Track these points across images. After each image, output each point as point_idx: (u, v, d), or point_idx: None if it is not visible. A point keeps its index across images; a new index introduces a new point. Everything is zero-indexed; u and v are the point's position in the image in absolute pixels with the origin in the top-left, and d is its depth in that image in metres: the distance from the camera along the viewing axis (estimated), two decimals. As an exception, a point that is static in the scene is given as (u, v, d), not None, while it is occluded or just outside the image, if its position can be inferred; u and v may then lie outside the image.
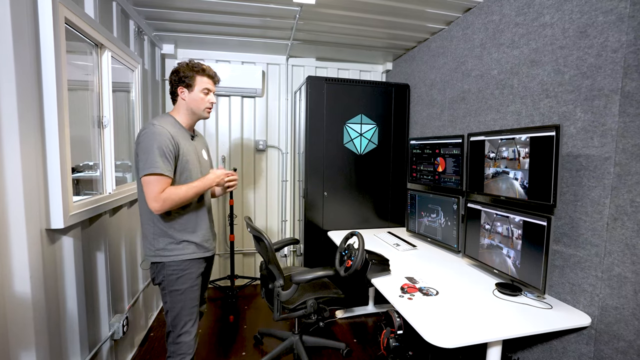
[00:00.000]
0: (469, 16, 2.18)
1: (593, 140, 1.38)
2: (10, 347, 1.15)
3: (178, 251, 1.47)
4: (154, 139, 1.36)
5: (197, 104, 1.51)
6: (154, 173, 1.34)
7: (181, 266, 1.47)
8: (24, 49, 1.19)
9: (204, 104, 1.52)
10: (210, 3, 2.12)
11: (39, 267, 1.25)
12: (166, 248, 1.46)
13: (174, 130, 1.44)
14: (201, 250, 1.54)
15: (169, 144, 1.38)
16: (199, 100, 1.50)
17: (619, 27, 1.28)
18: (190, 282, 1.50)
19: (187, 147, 1.49)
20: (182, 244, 1.48)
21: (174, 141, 1.41)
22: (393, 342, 1.69)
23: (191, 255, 1.50)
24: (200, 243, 1.53)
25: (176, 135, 1.44)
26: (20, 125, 1.17)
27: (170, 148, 1.39)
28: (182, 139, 1.47)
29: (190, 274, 1.50)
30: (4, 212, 1.14)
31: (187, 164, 1.47)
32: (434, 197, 2.27)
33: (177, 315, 1.48)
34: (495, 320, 1.31)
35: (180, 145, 1.44)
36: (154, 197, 1.35)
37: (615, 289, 1.30)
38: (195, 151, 1.55)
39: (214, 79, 1.55)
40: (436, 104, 2.55)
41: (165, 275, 1.47)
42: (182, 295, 1.48)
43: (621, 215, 1.27)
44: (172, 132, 1.42)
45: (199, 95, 1.50)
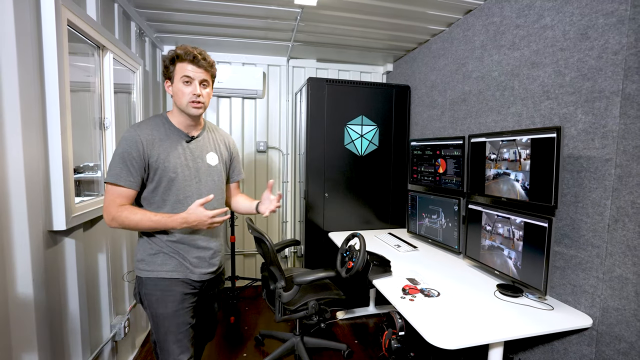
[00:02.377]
0: (470, 18, 2.19)
1: (594, 142, 1.38)
2: (13, 348, 1.16)
3: (156, 265, 1.25)
4: (120, 145, 1.20)
5: (179, 98, 1.24)
6: (109, 182, 1.18)
7: (160, 285, 1.24)
8: (26, 51, 1.20)
9: (184, 96, 1.22)
10: (211, 5, 2.13)
11: (41, 268, 1.26)
12: (144, 259, 1.26)
13: (153, 133, 1.24)
14: (185, 270, 1.27)
15: (133, 151, 1.18)
16: (179, 92, 1.23)
17: (619, 29, 1.29)
18: (175, 305, 1.24)
19: (171, 152, 1.25)
20: (161, 256, 1.25)
21: (144, 148, 1.20)
22: (395, 343, 1.69)
23: (171, 274, 1.25)
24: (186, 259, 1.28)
25: (154, 140, 1.23)
26: (23, 127, 1.17)
27: (134, 155, 1.18)
28: (165, 143, 1.25)
29: (172, 295, 1.25)
30: (7, 214, 1.14)
31: (166, 172, 1.23)
32: (434, 198, 2.28)
33: (162, 341, 1.26)
34: (496, 321, 1.31)
35: (155, 152, 1.22)
36: (105, 208, 1.19)
37: (616, 290, 1.30)
38: (192, 156, 1.30)
39: (195, 62, 1.21)
40: (437, 105, 2.56)
41: (144, 294, 1.27)
42: (165, 321, 1.24)
43: (622, 216, 1.28)
44: (148, 137, 1.22)
45: (178, 86, 1.23)
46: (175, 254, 1.28)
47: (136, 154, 1.19)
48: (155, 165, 1.22)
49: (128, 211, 1.18)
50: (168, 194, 1.25)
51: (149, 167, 1.22)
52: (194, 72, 1.22)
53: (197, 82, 1.23)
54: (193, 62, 1.22)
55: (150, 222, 1.19)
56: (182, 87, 1.23)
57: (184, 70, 1.22)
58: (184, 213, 1.19)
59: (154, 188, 1.25)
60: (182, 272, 1.28)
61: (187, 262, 1.29)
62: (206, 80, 1.27)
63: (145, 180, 1.25)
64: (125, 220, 1.17)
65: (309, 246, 2.81)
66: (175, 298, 1.26)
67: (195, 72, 1.23)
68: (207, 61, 1.25)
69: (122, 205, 1.19)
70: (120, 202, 1.19)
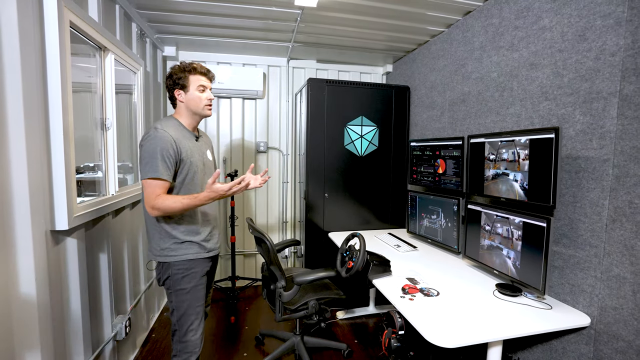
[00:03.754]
0: (469, 19, 2.20)
1: (592, 143, 1.39)
2: (16, 347, 1.17)
3: (182, 250, 1.49)
4: (157, 144, 1.38)
5: (195, 103, 1.51)
6: (153, 177, 1.37)
7: (186, 265, 1.49)
8: (30, 52, 1.21)
9: (202, 101, 1.52)
10: (212, 6, 2.14)
11: (43, 268, 1.26)
12: (170, 247, 1.48)
13: (177, 133, 1.46)
14: (204, 250, 1.55)
15: (170, 149, 1.40)
16: (197, 98, 1.51)
17: (617, 31, 1.30)
18: (195, 281, 1.51)
19: (191, 148, 1.50)
20: (186, 244, 1.49)
21: (176, 145, 1.42)
22: (395, 342, 1.70)
23: (195, 255, 1.51)
24: (204, 243, 1.55)
25: (179, 138, 1.45)
26: (26, 128, 1.18)
27: (171, 152, 1.40)
28: (186, 141, 1.48)
29: (195, 273, 1.51)
30: (10, 214, 1.15)
31: (192, 166, 1.48)
32: (434, 198, 2.29)
33: (183, 314, 1.49)
34: (495, 320, 1.32)
35: (184, 148, 1.45)
36: (150, 201, 1.37)
37: (614, 289, 1.31)
38: (200, 152, 1.56)
39: (207, 75, 1.55)
40: (436, 106, 2.57)
41: (170, 274, 1.48)
42: (187, 294, 1.49)
43: (620, 216, 1.29)
44: (174, 135, 1.43)
45: (195, 94, 1.51)
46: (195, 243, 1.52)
47: (172, 151, 1.41)
48: (185, 160, 1.46)
49: (163, 199, 1.37)
50: (192, 184, 1.49)
51: (181, 161, 1.45)
52: (206, 82, 1.54)
53: (209, 90, 1.55)
54: (206, 75, 1.54)
55: (180, 204, 1.38)
56: (199, 94, 1.51)
57: (199, 80, 1.51)
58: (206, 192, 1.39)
59: (182, 180, 1.47)
60: (202, 253, 1.54)
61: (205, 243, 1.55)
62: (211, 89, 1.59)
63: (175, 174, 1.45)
64: (165, 206, 1.37)
65: (309, 246, 2.82)
66: (196, 275, 1.52)
67: (207, 82, 1.55)
68: (214, 76, 1.59)
69: (159, 195, 1.37)
70: (160, 193, 1.38)
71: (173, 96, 1.54)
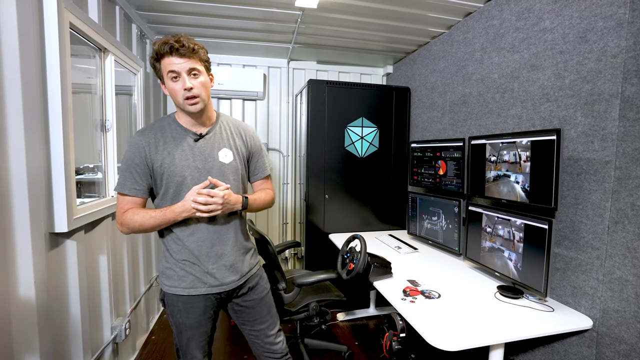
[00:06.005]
0: (470, 20, 2.20)
1: (593, 144, 1.39)
2: (15, 350, 1.16)
3: (175, 281, 1.22)
4: (126, 153, 1.18)
5: (173, 99, 1.16)
6: (117, 191, 1.18)
7: (181, 299, 1.22)
8: (29, 54, 1.20)
9: (177, 94, 1.12)
10: (212, 7, 2.14)
11: (43, 271, 1.26)
12: (164, 273, 1.24)
13: (157, 137, 1.19)
14: (203, 285, 1.22)
15: (136, 158, 1.16)
16: (171, 92, 1.14)
17: (618, 32, 1.30)
18: (196, 316, 1.23)
19: (177, 155, 1.18)
20: (181, 272, 1.21)
21: (147, 152, 1.16)
22: (396, 344, 1.70)
23: (188, 291, 1.21)
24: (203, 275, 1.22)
25: (158, 142, 1.18)
26: (25, 129, 1.17)
27: (137, 162, 1.15)
28: (171, 144, 1.19)
29: (194, 308, 1.23)
30: (9, 216, 1.14)
31: (171, 177, 1.17)
32: (435, 200, 2.28)
33: (184, 346, 1.27)
34: (497, 323, 1.31)
35: (159, 156, 1.17)
36: (118, 217, 1.17)
37: (616, 291, 1.30)
38: (201, 156, 1.21)
39: (174, 52, 1.08)
40: (437, 107, 2.57)
41: (167, 304, 1.27)
42: (188, 330, 1.25)
43: (622, 218, 1.28)
44: (151, 139, 1.18)
45: (169, 84, 1.13)
46: (188, 273, 1.22)
47: (139, 161, 1.16)
48: (160, 171, 1.17)
49: (131, 212, 1.15)
50: (178, 198, 1.18)
51: (154, 172, 1.18)
52: (178, 64, 1.10)
53: (184, 75, 1.11)
54: (173, 53, 1.09)
55: (151, 218, 1.14)
56: (172, 85, 1.12)
57: (167, 65, 1.10)
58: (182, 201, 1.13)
59: (163, 194, 1.20)
60: (200, 289, 1.22)
61: (206, 276, 1.22)
62: (195, 69, 1.12)
63: (154, 186, 1.21)
64: (130, 222, 1.15)
65: (309, 248, 2.82)
66: (197, 311, 1.24)
67: (180, 63, 1.10)
68: (187, 46, 1.09)
69: (127, 210, 1.17)
70: (127, 208, 1.17)
71: None
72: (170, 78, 1.12)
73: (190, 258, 1.22)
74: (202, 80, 1.15)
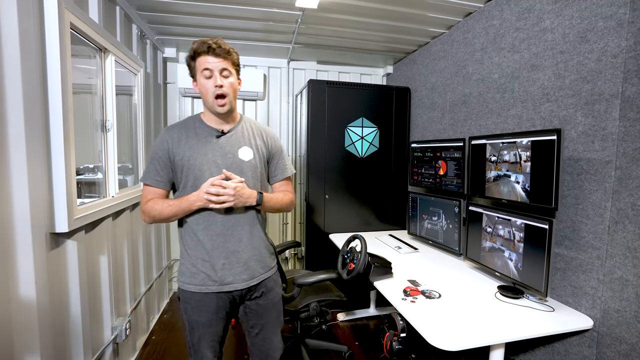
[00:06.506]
0: (470, 20, 2.20)
1: (594, 144, 1.39)
2: (15, 351, 1.16)
3: (188, 277, 1.25)
4: (154, 145, 1.27)
5: (203, 95, 1.22)
6: (142, 182, 1.27)
7: (195, 296, 1.25)
8: (30, 54, 1.20)
9: (208, 92, 1.19)
10: (213, 7, 2.14)
11: (43, 271, 1.26)
12: (181, 270, 1.28)
13: (181, 132, 1.25)
14: (215, 283, 1.23)
15: (160, 151, 1.23)
16: (202, 89, 1.21)
17: (618, 32, 1.30)
18: (209, 315, 1.25)
19: (197, 149, 1.23)
20: (193, 269, 1.25)
21: (169, 146, 1.23)
22: (396, 345, 1.70)
23: (200, 288, 1.24)
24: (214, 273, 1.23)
25: (181, 137, 1.24)
26: (26, 129, 1.17)
27: (160, 155, 1.23)
28: (193, 140, 1.24)
29: (206, 306, 1.25)
30: (9, 216, 1.14)
31: (190, 171, 1.23)
32: (435, 200, 2.28)
33: (197, 342, 1.29)
34: (497, 323, 1.31)
35: (180, 150, 1.23)
36: (141, 206, 1.25)
37: (617, 291, 1.30)
38: (221, 152, 1.25)
39: (210, 52, 1.17)
40: (437, 107, 2.57)
41: (181, 300, 1.29)
42: (200, 328, 1.26)
43: (622, 218, 1.28)
44: (175, 134, 1.25)
45: (201, 81, 1.20)
46: (200, 270, 1.24)
47: (162, 154, 1.24)
48: (180, 164, 1.23)
49: (152, 202, 1.23)
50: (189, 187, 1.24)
51: (175, 165, 1.24)
52: (212, 62, 1.18)
53: (217, 73, 1.19)
54: (209, 52, 1.18)
55: (168, 207, 1.21)
56: (204, 82, 1.20)
57: (202, 63, 1.19)
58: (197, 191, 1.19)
59: (183, 186, 1.26)
60: (211, 287, 1.24)
61: (217, 275, 1.23)
62: (226, 69, 1.21)
63: (175, 180, 1.27)
64: (151, 211, 1.22)
65: (309, 248, 2.82)
66: (209, 309, 1.25)
67: (214, 62, 1.18)
68: (223, 48, 1.20)
69: (149, 200, 1.24)
70: (149, 199, 1.25)
71: None
72: (203, 75, 1.19)
73: (203, 255, 1.24)
74: (231, 80, 1.23)
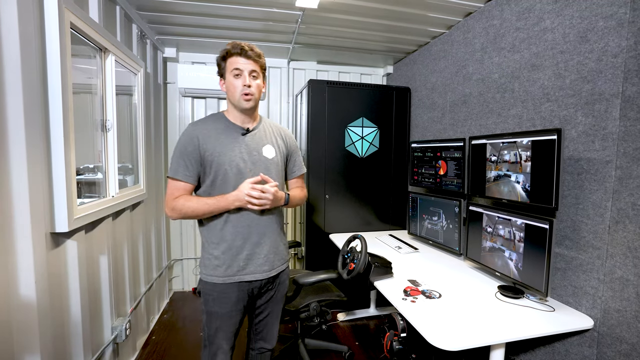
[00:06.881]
0: (470, 20, 2.20)
1: (594, 144, 1.39)
2: (15, 351, 1.16)
3: (211, 270, 1.31)
4: (180, 140, 1.29)
5: (230, 92, 1.29)
6: (169, 176, 1.29)
7: (217, 288, 1.31)
8: (30, 54, 1.20)
9: (236, 89, 1.27)
10: (213, 7, 2.14)
11: (43, 271, 1.26)
12: (204, 263, 1.33)
13: (210, 128, 1.30)
14: (236, 274, 1.31)
15: (189, 146, 1.26)
16: (231, 86, 1.28)
17: (619, 32, 1.30)
18: (229, 306, 1.31)
19: (225, 145, 1.29)
20: (216, 261, 1.30)
21: (199, 141, 1.26)
22: (396, 344, 1.69)
23: (223, 279, 1.29)
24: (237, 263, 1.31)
25: (210, 134, 1.28)
26: (26, 129, 1.17)
27: (190, 150, 1.26)
28: (221, 137, 1.29)
29: (227, 298, 1.31)
30: (9, 216, 1.14)
31: (221, 166, 1.28)
32: (435, 200, 2.28)
33: (213, 334, 1.34)
34: (498, 322, 1.31)
35: (211, 146, 1.27)
36: (168, 202, 1.28)
37: (617, 291, 1.30)
38: (247, 149, 1.32)
39: (242, 54, 1.26)
40: (437, 107, 2.57)
41: (202, 292, 1.34)
42: (218, 319, 1.32)
43: (623, 218, 1.28)
44: (204, 131, 1.28)
45: (230, 79, 1.28)
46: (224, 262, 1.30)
47: (192, 149, 1.26)
48: (210, 159, 1.27)
49: (183, 199, 1.26)
50: (225, 187, 1.28)
51: (204, 160, 1.27)
52: (243, 64, 1.27)
53: (246, 73, 1.27)
54: (241, 54, 1.27)
55: (205, 205, 1.25)
56: (233, 81, 1.27)
57: (233, 63, 1.27)
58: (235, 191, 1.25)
59: (211, 182, 1.29)
60: (234, 277, 1.31)
61: (240, 265, 1.31)
62: (255, 71, 1.29)
63: (202, 175, 1.30)
64: (183, 207, 1.25)
65: (309, 248, 2.81)
66: (230, 300, 1.31)
67: (244, 63, 1.27)
68: (255, 52, 1.29)
69: (179, 197, 1.26)
70: (178, 194, 1.27)
71: None
72: (233, 75, 1.27)
73: (226, 248, 1.30)
74: (258, 82, 1.32)
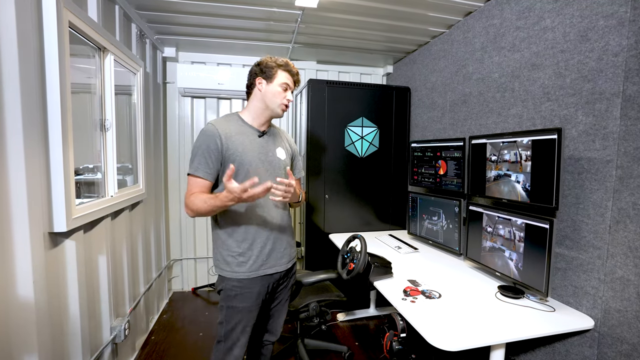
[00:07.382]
0: (470, 20, 2.19)
1: (595, 143, 1.38)
2: (13, 351, 1.15)
3: (235, 266, 1.36)
4: (201, 139, 1.32)
5: (272, 97, 1.39)
6: (189, 173, 1.32)
7: (240, 284, 1.36)
8: (28, 53, 1.20)
9: (280, 99, 1.39)
10: (212, 7, 2.13)
11: (41, 270, 1.25)
12: (226, 260, 1.38)
13: (230, 128, 1.36)
14: (259, 267, 1.38)
15: (211, 144, 1.30)
16: (276, 93, 1.39)
17: (619, 31, 1.29)
18: (251, 301, 1.38)
19: (247, 146, 1.36)
20: (240, 258, 1.36)
21: (222, 141, 1.31)
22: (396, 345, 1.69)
23: (248, 274, 1.36)
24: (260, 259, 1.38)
25: (231, 133, 1.34)
26: (24, 129, 1.17)
27: (212, 148, 1.30)
28: (242, 137, 1.36)
29: (250, 293, 1.37)
30: (7, 215, 1.14)
31: (242, 165, 1.34)
32: (435, 199, 2.28)
33: (232, 329, 1.38)
34: (498, 323, 1.31)
35: (233, 145, 1.33)
36: (185, 199, 1.31)
37: (618, 291, 1.30)
38: (262, 150, 1.41)
39: (295, 77, 1.43)
40: (437, 107, 2.56)
41: (224, 288, 1.39)
42: (239, 314, 1.37)
43: (623, 218, 1.28)
44: (225, 130, 1.33)
45: (277, 88, 1.39)
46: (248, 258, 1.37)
47: (214, 147, 1.30)
48: (232, 158, 1.32)
49: (193, 196, 1.29)
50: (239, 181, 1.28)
51: (225, 159, 1.32)
52: (291, 83, 1.43)
53: (290, 91, 1.43)
54: (294, 76, 1.44)
55: (204, 204, 1.26)
56: (280, 91, 1.40)
57: (285, 78, 1.40)
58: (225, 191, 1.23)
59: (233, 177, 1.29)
60: (257, 271, 1.38)
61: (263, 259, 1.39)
62: (293, 91, 1.47)
63: (222, 173, 1.32)
64: (192, 205, 1.28)
65: (309, 248, 2.81)
66: (252, 295, 1.38)
67: (292, 84, 1.44)
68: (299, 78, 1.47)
69: (193, 194, 1.29)
70: (195, 191, 1.30)
71: (252, 84, 1.42)
72: (282, 87, 1.40)
73: (249, 244, 1.37)
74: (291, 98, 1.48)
